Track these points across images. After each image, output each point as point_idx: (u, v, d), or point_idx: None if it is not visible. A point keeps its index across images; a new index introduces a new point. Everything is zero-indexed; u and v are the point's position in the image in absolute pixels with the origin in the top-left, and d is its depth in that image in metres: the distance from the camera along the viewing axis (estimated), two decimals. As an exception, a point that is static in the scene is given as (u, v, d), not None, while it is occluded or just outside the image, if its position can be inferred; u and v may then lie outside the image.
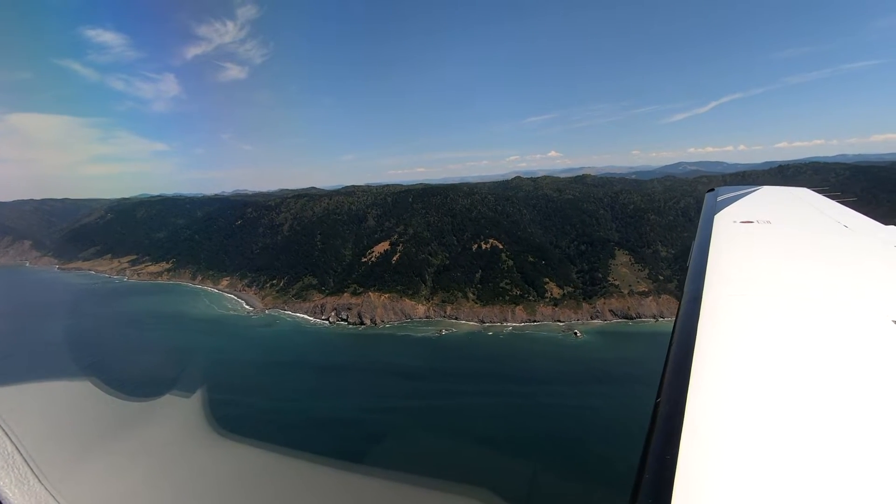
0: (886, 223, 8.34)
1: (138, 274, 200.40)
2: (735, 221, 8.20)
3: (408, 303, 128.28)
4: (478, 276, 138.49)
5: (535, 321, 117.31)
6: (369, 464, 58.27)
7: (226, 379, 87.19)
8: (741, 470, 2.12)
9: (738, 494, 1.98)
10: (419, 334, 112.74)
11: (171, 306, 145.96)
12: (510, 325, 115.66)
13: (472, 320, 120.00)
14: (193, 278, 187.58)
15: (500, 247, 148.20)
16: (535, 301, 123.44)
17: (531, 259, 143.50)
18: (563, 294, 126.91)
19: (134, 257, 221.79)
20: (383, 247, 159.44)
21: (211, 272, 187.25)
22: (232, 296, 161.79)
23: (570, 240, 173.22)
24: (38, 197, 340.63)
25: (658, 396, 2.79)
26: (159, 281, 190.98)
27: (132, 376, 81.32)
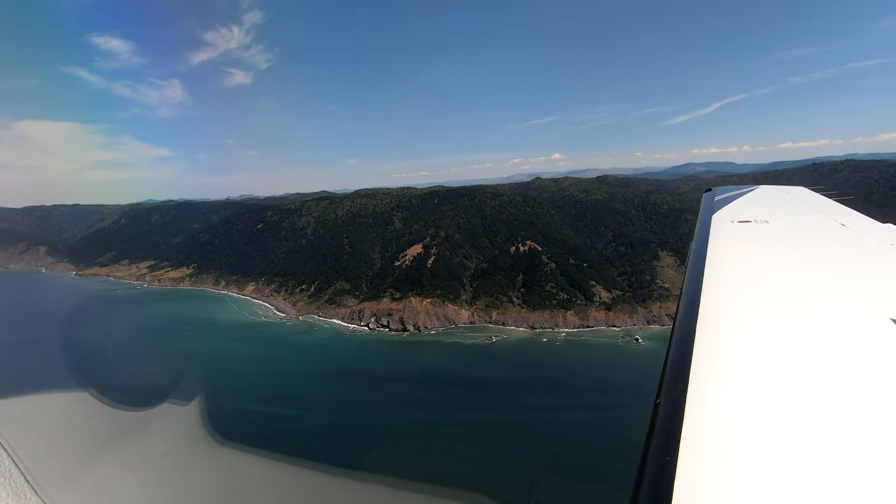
0: (884, 221, 8.14)
1: (159, 280, 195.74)
2: (733, 221, 8.13)
3: (451, 308, 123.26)
4: (519, 279, 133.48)
5: (588, 326, 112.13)
6: (373, 471, 55.65)
7: (278, 392, 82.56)
8: (741, 471, 2.12)
9: (738, 496, 1.98)
10: (469, 341, 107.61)
11: (200, 313, 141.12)
12: (563, 331, 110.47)
13: (521, 326, 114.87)
14: (217, 283, 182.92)
15: (539, 249, 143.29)
16: (585, 305, 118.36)
17: (573, 261, 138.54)
18: (613, 298, 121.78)
19: (152, 262, 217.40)
20: (416, 250, 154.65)
21: (234, 277, 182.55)
22: (260, 301, 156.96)
23: (607, 241, 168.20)
24: (44, 203, 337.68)
25: (657, 398, 2.83)
26: (181, 287, 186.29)
27: (182, 387, 76.60)
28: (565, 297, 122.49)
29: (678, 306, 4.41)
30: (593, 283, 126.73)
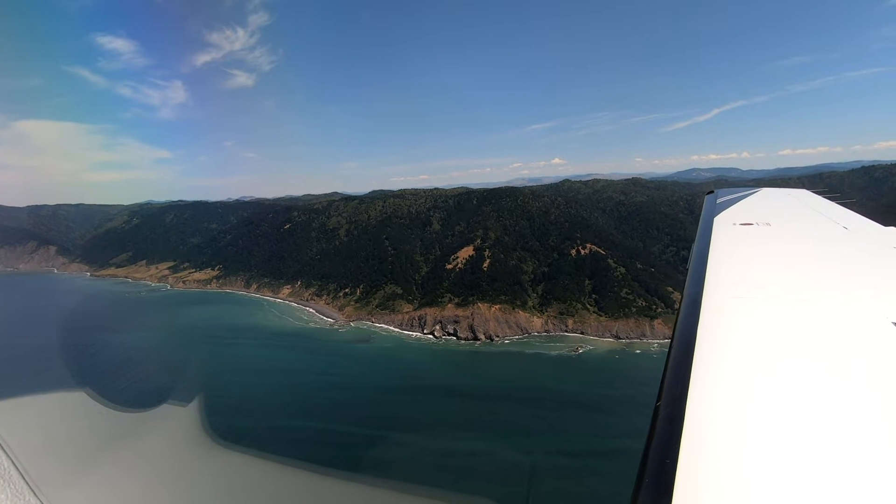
0: (886, 224, 8.06)
1: (183, 282, 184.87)
2: (735, 223, 8.16)
3: (521, 315, 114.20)
4: (587, 284, 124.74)
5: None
6: (373, 473, 53.04)
7: (365, 410, 73.21)
8: (741, 473, 2.12)
9: (737, 497, 1.98)
10: (552, 352, 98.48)
11: (239, 318, 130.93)
12: (654, 342, 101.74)
13: (604, 336, 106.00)
14: (247, 286, 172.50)
15: (602, 252, 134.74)
16: (670, 314, 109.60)
17: (640, 266, 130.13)
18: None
19: (172, 264, 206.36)
20: (467, 252, 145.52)
21: (266, 279, 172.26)
22: (300, 306, 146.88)
23: (664, 245, 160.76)
24: (45, 203, 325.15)
25: (658, 399, 2.84)
26: (208, 289, 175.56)
27: (266, 406, 66.84)
28: (644, 304, 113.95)
29: (679, 308, 4.32)
30: (670, 289, 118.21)
